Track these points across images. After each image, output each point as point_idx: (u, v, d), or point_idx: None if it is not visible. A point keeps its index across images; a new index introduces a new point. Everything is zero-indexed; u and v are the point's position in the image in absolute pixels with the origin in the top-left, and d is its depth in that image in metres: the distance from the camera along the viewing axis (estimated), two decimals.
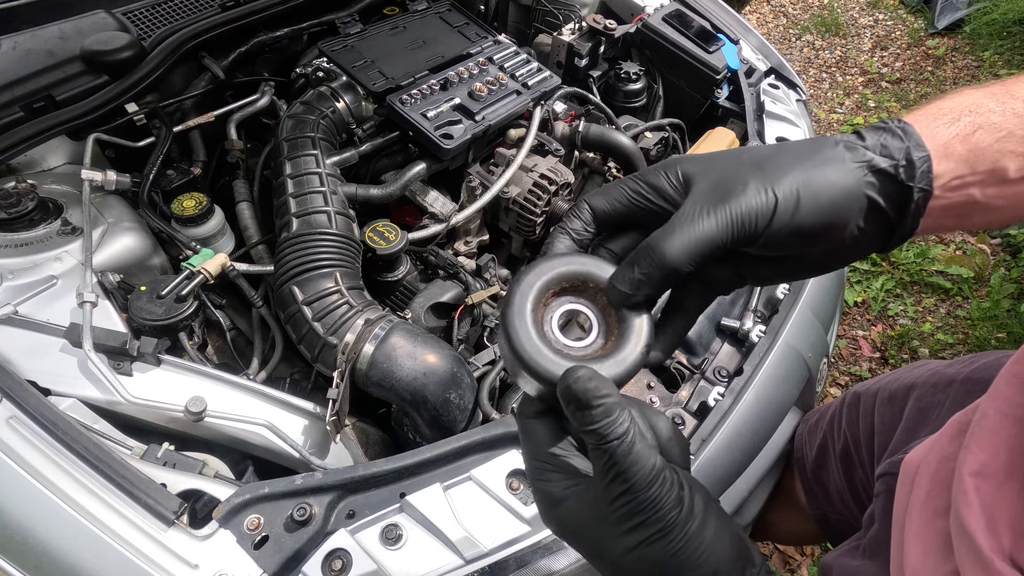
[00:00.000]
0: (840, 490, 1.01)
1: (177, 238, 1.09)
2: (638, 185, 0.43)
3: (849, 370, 2.15)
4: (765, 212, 0.39)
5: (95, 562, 0.67)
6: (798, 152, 0.41)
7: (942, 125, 0.41)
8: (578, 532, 0.40)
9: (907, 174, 0.39)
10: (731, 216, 0.39)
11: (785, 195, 0.39)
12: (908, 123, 0.41)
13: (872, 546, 0.76)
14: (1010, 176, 0.40)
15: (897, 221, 0.41)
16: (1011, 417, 0.46)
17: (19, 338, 0.88)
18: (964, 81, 3.25)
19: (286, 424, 0.90)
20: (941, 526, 0.50)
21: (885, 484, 0.78)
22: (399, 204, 1.34)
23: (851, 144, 0.41)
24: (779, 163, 0.41)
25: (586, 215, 0.44)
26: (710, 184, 0.41)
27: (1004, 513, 0.43)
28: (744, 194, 0.39)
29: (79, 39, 1.15)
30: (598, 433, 0.37)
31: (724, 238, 0.39)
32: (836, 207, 0.40)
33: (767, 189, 0.39)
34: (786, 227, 0.39)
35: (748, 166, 0.41)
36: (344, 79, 1.27)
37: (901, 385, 0.92)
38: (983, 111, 0.41)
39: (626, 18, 1.68)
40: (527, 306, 0.41)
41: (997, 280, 2.28)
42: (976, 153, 0.40)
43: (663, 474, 0.38)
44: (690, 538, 0.38)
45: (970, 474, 0.46)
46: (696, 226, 0.39)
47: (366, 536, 0.74)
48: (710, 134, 1.45)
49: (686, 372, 1.02)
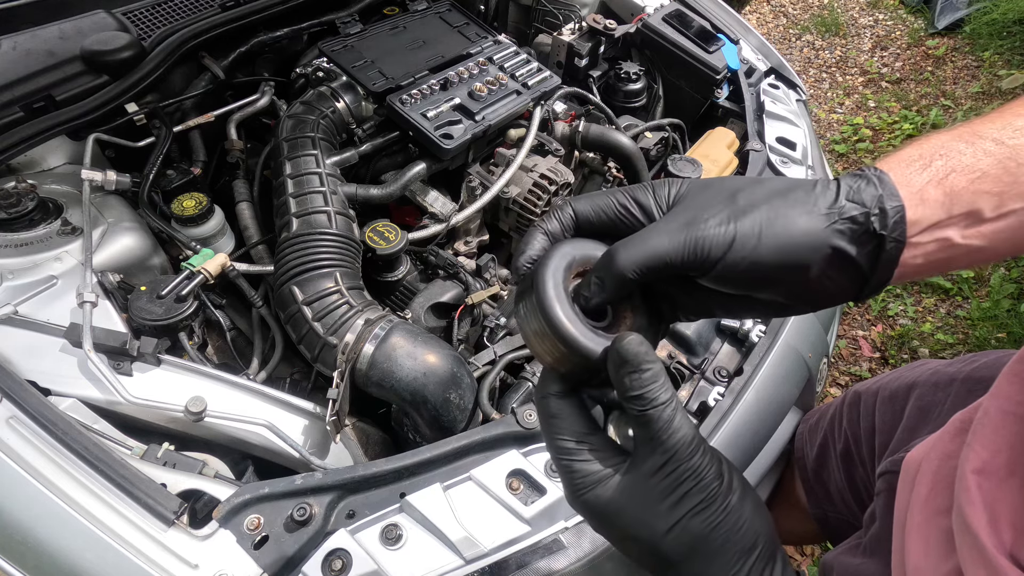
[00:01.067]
0: (841, 489, 1.01)
1: (177, 238, 1.09)
2: (625, 199, 0.44)
3: (849, 370, 2.15)
4: (721, 243, 0.39)
5: (95, 562, 0.67)
6: (773, 189, 0.41)
7: (915, 171, 0.41)
8: (617, 513, 0.40)
9: (879, 223, 0.39)
10: (686, 239, 0.39)
11: (745, 231, 0.39)
12: (883, 171, 0.41)
13: (873, 544, 0.76)
14: (987, 216, 0.40)
15: (870, 270, 0.40)
16: (1013, 415, 0.46)
17: (19, 338, 0.88)
18: (964, 81, 3.25)
19: (286, 424, 0.90)
20: (943, 524, 0.50)
21: (886, 482, 0.78)
22: (399, 204, 1.34)
23: (826, 189, 0.41)
24: (752, 198, 0.41)
25: (567, 218, 0.45)
26: (687, 208, 0.42)
27: (1005, 510, 0.43)
28: (706, 222, 0.40)
29: (79, 39, 1.15)
30: (645, 398, 0.38)
31: (674, 258, 0.40)
32: (797, 249, 0.39)
33: (729, 223, 0.39)
34: (742, 262, 0.39)
35: (724, 196, 0.41)
36: (344, 79, 1.27)
37: (902, 384, 0.92)
38: (953, 153, 0.41)
39: (626, 18, 1.68)
40: (560, 284, 0.42)
41: (997, 280, 2.28)
42: (951, 196, 0.40)
43: (703, 446, 0.39)
44: (731, 510, 0.38)
45: (972, 472, 0.46)
46: (651, 241, 0.40)
47: (366, 536, 0.74)
48: (710, 134, 1.45)
49: (686, 372, 1.02)
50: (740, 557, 0.39)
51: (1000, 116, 0.42)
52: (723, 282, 0.41)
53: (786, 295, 0.42)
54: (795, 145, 1.42)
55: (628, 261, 0.40)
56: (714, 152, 1.36)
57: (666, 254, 0.40)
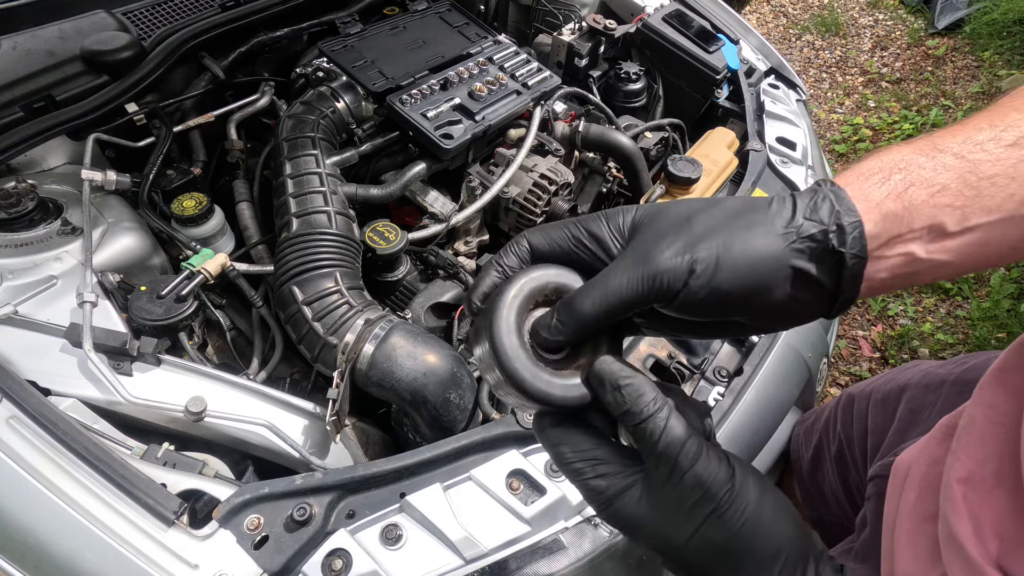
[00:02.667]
0: (835, 491, 1.01)
1: (177, 238, 1.09)
2: (579, 231, 0.43)
3: (849, 370, 2.15)
4: (679, 275, 0.38)
5: (95, 562, 0.67)
6: (729, 212, 0.41)
7: (873, 185, 0.40)
8: (640, 525, 0.40)
9: (838, 240, 0.38)
10: (643, 275, 0.39)
11: (702, 259, 0.38)
12: (839, 187, 0.40)
13: (865, 550, 0.76)
14: (949, 230, 0.39)
15: (835, 287, 0.40)
16: (1000, 425, 0.46)
17: (19, 338, 0.88)
18: (964, 81, 3.25)
19: (286, 424, 0.90)
20: (930, 530, 0.50)
21: (876, 487, 0.78)
22: (399, 204, 1.34)
23: (782, 207, 0.40)
24: (708, 223, 0.40)
25: (523, 251, 0.44)
26: (643, 240, 0.41)
27: (991, 520, 0.43)
28: (662, 254, 0.39)
29: (79, 39, 1.15)
30: (632, 412, 0.38)
31: (633, 297, 0.39)
32: (756, 273, 0.38)
33: (685, 253, 0.39)
34: (701, 290, 0.38)
35: (679, 223, 0.41)
36: (344, 79, 1.27)
37: (894, 386, 0.92)
38: (913, 167, 0.40)
39: (626, 18, 1.68)
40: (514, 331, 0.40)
41: (997, 280, 2.28)
42: (911, 210, 0.39)
43: (705, 452, 0.38)
44: (748, 518, 0.38)
45: (958, 481, 0.47)
46: (610, 285, 0.39)
47: (366, 536, 0.74)
48: (710, 134, 1.45)
49: (686, 372, 1.02)
50: (766, 564, 0.39)
51: (962, 129, 0.41)
52: (686, 311, 0.40)
53: (752, 317, 0.41)
54: (795, 145, 1.42)
55: (591, 308, 0.39)
56: (714, 152, 1.36)
57: (626, 295, 0.39)
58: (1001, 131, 0.40)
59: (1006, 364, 0.49)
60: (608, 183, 1.43)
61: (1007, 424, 0.46)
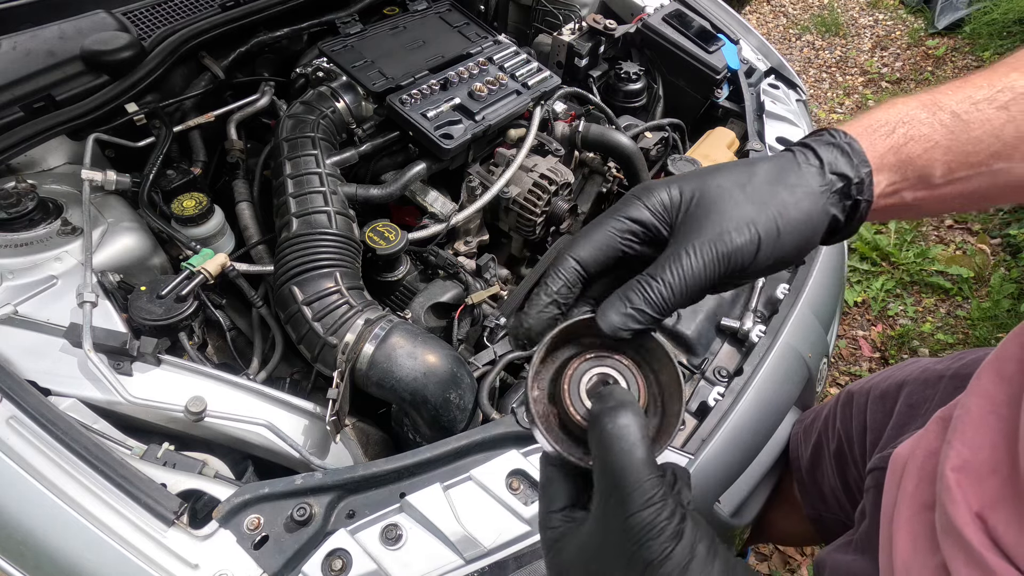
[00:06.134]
0: (834, 489, 1.01)
1: (177, 238, 1.09)
2: (623, 223, 0.43)
3: (849, 370, 2.15)
4: (750, 250, 0.42)
5: (95, 562, 0.67)
6: (767, 178, 0.44)
7: (879, 137, 0.45)
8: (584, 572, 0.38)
9: (857, 190, 0.44)
10: (719, 259, 0.41)
11: (767, 231, 0.42)
12: (853, 137, 0.45)
13: (864, 541, 0.76)
14: (935, 181, 0.45)
15: (844, 225, 0.45)
16: (994, 415, 0.47)
17: (19, 338, 0.88)
18: None
19: (286, 424, 0.90)
20: (928, 519, 0.51)
21: (875, 479, 0.78)
22: (399, 204, 1.34)
23: (808, 164, 0.44)
24: (756, 195, 0.43)
25: (572, 275, 0.43)
26: (699, 220, 0.42)
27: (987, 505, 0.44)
28: (730, 234, 0.41)
29: (79, 39, 1.15)
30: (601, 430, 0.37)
31: (714, 279, 0.42)
32: (811, 231, 0.43)
33: (750, 227, 0.41)
34: (769, 258, 0.42)
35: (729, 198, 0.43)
36: (344, 79, 1.27)
37: (892, 383, 0.92)
38: (914, 123, 0.45)
39: (626, 18, 1.68)
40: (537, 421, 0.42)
41: (997, 280, 2.28)
42: (907, 163, 0.45)
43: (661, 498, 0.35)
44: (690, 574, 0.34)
45: (952, 469, 0.48)
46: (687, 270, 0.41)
47: (366, 536, 0.74)
48: (710, 134, 1.45)
49: (686, 372, 1.02)
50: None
51: (963, 86, 0.46)
52: (746, 277, 0.44)
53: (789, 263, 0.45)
54: None
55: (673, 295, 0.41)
56: (714, 152, 1.36)
57: (707, 278, 0.41)
58: (997, 91, 0.44)
59: (1003, 354, 0.50)
60: (608, 183, 1.43)
61: (1002, 413, 0.47)
